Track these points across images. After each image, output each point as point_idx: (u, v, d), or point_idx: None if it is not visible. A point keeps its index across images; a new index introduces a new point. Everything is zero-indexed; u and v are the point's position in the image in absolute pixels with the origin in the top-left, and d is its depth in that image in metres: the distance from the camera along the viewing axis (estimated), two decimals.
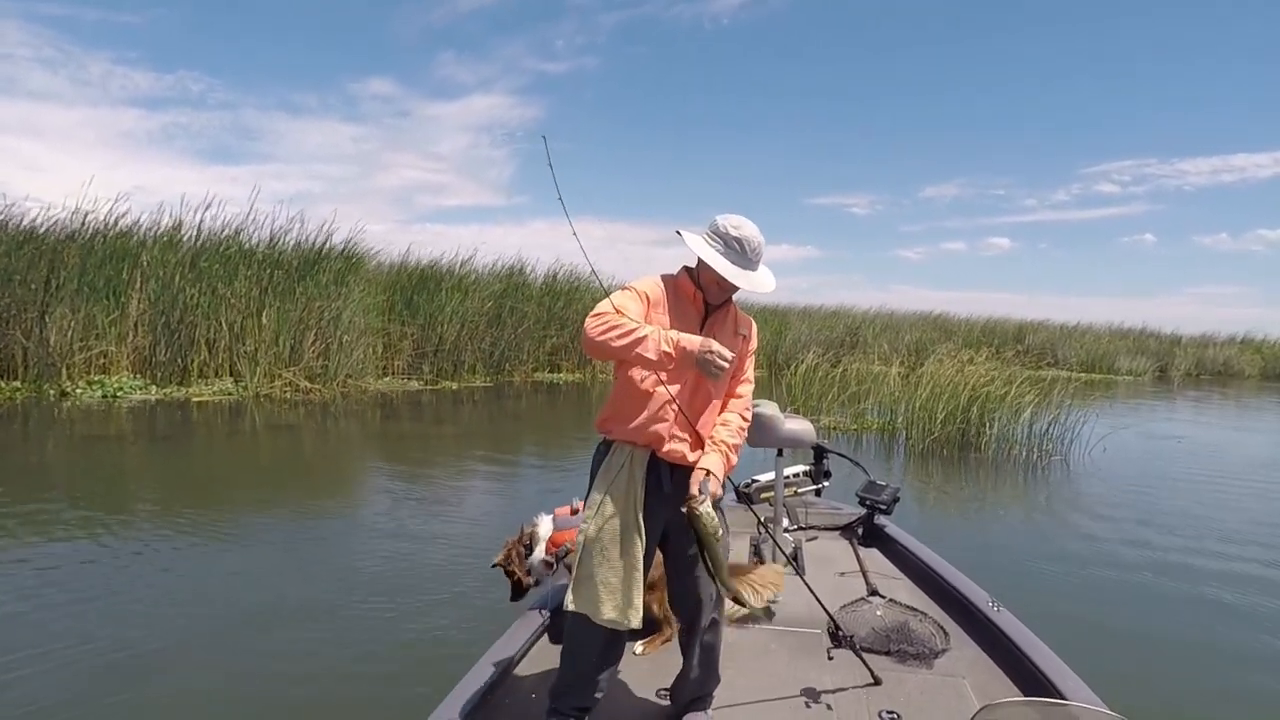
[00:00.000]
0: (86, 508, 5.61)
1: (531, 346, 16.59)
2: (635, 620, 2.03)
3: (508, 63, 50.08)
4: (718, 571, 2.04)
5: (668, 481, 2.12)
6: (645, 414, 2.08)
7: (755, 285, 2.11)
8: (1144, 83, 49.50)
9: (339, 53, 47.92)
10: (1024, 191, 52.44)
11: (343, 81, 48.24)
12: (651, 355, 1.91)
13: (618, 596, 2.02)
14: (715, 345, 1.92)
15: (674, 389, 2.08)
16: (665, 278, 2.19)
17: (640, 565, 2.04)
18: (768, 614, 3.13)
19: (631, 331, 1.92)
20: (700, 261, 2.10)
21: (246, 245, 13.04)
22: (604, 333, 1.93)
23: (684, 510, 1.97)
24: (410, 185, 48.90)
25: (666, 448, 2.10)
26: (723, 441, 2.13)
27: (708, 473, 2.05)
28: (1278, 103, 46.45)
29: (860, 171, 54.48)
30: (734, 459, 2.17)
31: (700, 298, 2.16)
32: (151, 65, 40.68)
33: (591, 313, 2.01)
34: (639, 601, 2.04)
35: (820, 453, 4.32)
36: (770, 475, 4.17)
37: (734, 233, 2.09)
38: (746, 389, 2.27)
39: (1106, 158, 51.74)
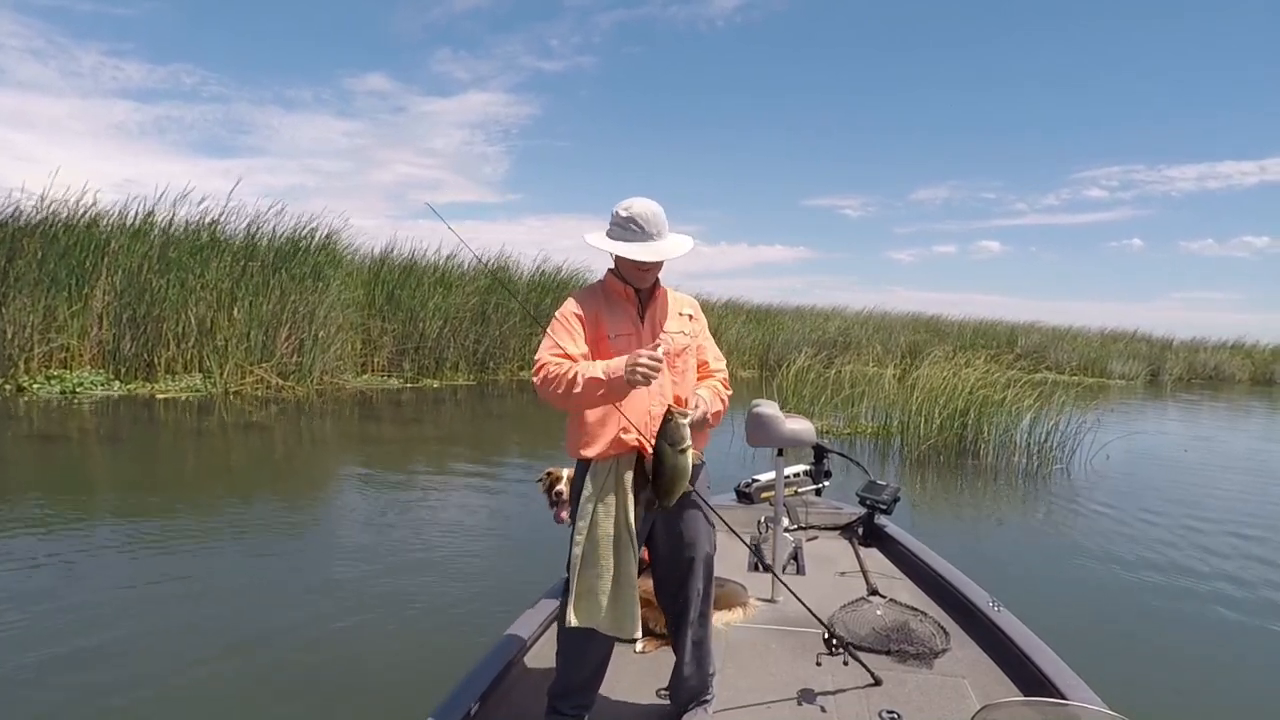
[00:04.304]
0: (41, 512, 5.31)
1: (517, 344, 16.18)
2: (633, 629, 2.06)
3: (504, 60, 49.90)
4: (663, 497, 2.03)
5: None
6: (618, 426, 2.07)
7: (663, 254, 2.07)
8: (1132, 89, 49.85)
9: (334, 48, 47.66)
10: (1014, 195, 52.74)
11: (338, 77, 48.00)
12: (580, 390, 1.93)
13: (615, 610, 2.05)
14: (642, 354, 1.88)
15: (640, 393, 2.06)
16: (590, 287, 2.23)
17: (635, 576, 2.07)
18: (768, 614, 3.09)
19: (565, 374, 1.95)
20: (614, 255, 2.14)
21: (221, 236, 12.59)
22: (546, 384, 1.98)
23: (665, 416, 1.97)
24: (404, 181, 48.60)
25: (650, 447, 2.05)
26: (710, 387, 2.22)
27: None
28: (1263, 111, 46.90)
29: (853, 173, 54.61)
30: (718, 406, 2.21)
31: (631, 291, 2.16)
32: (144, 57, 40.33)
33: (535, 363, 2.05)
34: (636, 611, 2.06)
35: (820, 452, 4.23)
36: (770, 475, 4.20)
37: (624, 214, 2.09)
38: (718, 365, 2.31)
39: (1095, 163, 52.12)
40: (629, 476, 2.08)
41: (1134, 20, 47.73)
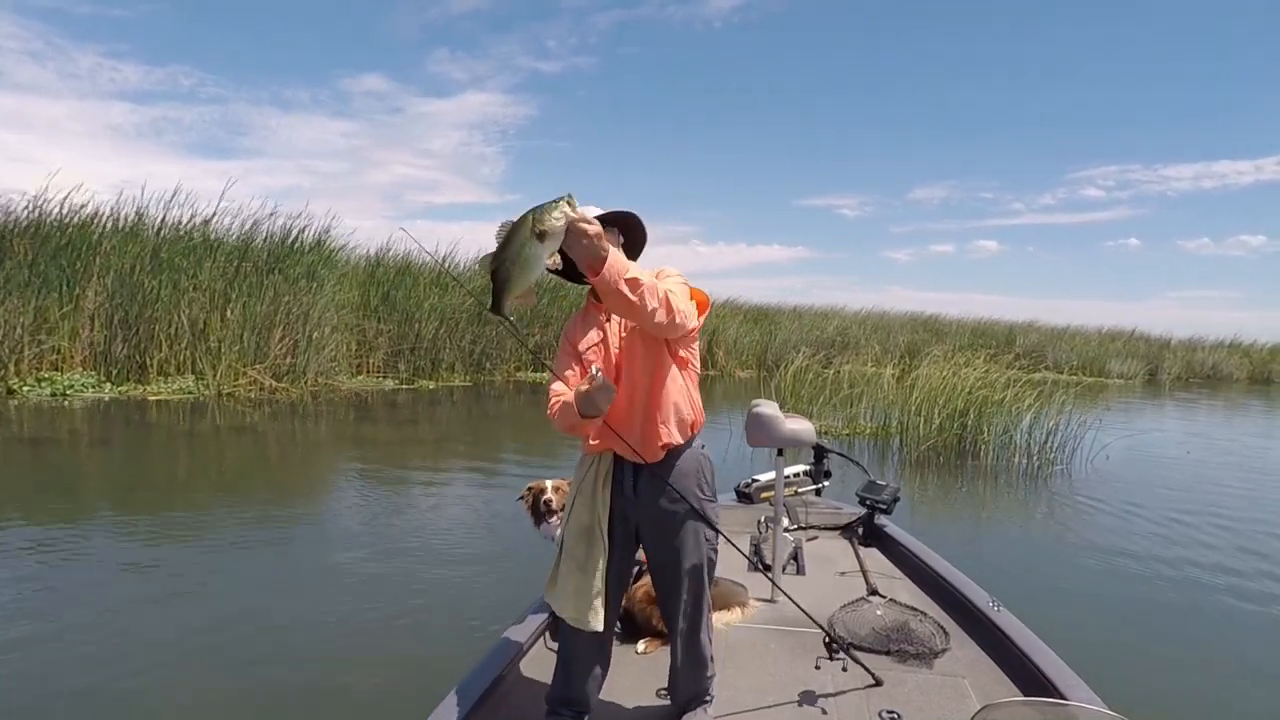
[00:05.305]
0: (32, 515, 5.23)
1: (514, 344, 16.09)
2: (595, 622, 2.05)
3: (501, 61, 50.02)
4: (500, 292, 1.71)
5: (630, 483, 2.12)
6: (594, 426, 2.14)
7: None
8: (1128, 89, 49.96)
9: (331, 48, 47.81)
10: (1011, 195, 52.96)
11: (335, 77, 48.11)
12: (569, 418, 2.00)
13: (578, 597, 2.07)
14: (591, 386, 1.86)
15: None
16: (579, 310, 2.28)
17: (600, 568, 2.08)
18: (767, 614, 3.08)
19: (563, 405, 2.03)
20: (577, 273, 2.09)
21: (213, 237, 12.50)
22: (555, 418, 2.07)
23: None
24: (402, 182, 48.64)
25: (621, 450, 2.09)
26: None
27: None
28: (1259, 110, 47.03)
29: (850, 173, 54.74)
30: (650, 279, 1.82)
31: (596, 299, 2.16)
32: (142, 59, 40.45)
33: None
34: (599, 604, 2.06)
35: (820, 452, 4.16)
36: (770, 475, 4.21)
37: None
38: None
39: (1091, 162, 52.35)
40: (605, 476, 2.12)
41: (1132, 21, 47.85)
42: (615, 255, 1.73)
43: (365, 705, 2.93)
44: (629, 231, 2.10)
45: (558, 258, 1.67)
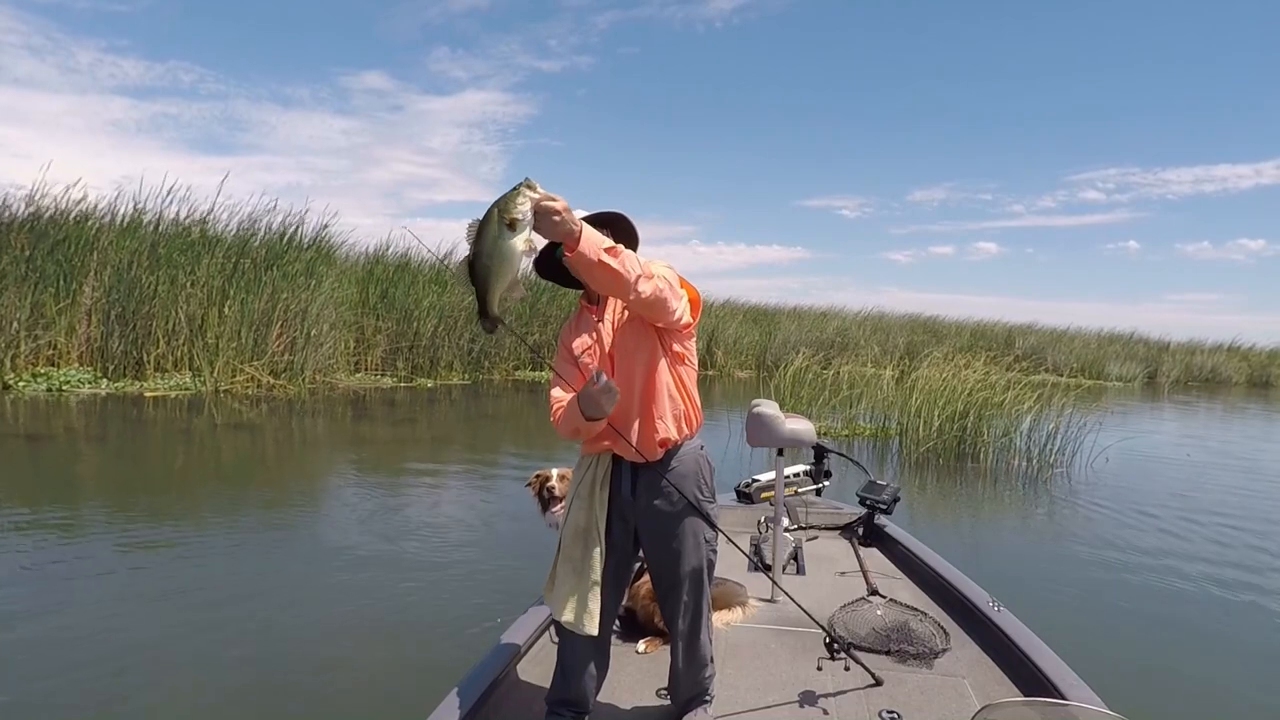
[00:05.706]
0: (27, 512, 5.20)
1: (513, 343, 16.07)
2: (591, 626, 2.03)
3: (502, 60, 50.03)
4: (485, 291, 1.69)
5: (628, 484, 2.10)
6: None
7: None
8: (1128, 90, 50.04)
9: (332, 46, 47.81)
10: (1011, 197, 53.01)
11: (335, 75, 48.10)
12: (573, 422, 1.99)
13: (574, 600, 2.06)
14: (594, 388, 1.85)
15: None
16: (573, 314, 2.27)
17: (597, 571, 2.06)
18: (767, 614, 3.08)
19: (564, 411, 2.03)
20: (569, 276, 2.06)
21: (211, 232, 12.46)
22: (559, 424, 2.07)
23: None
24: (402, 180, 48.64)
25: (619, 450, 2.07)
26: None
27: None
28: (1259, 114, 47.11)
29: (850, 174, 54.78)
30: (630, 255, 1.81)
31: (590, 302, 2.19)
32: (142, 54, 40.41)
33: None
34: (595, 607, 2.04)
35: (820, 452, 4.15)
36: (770, 475, 4.21)
37: None
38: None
39: (1091, 165, 52.41)
40: (603, 477, 2.10)
41: (1133, 22, 47.90)
42: (589, 229, 1.72)
43: (364, 705, 2.90)
44: (619, 234, 2.07)
45: (535, 242, 1.66)
